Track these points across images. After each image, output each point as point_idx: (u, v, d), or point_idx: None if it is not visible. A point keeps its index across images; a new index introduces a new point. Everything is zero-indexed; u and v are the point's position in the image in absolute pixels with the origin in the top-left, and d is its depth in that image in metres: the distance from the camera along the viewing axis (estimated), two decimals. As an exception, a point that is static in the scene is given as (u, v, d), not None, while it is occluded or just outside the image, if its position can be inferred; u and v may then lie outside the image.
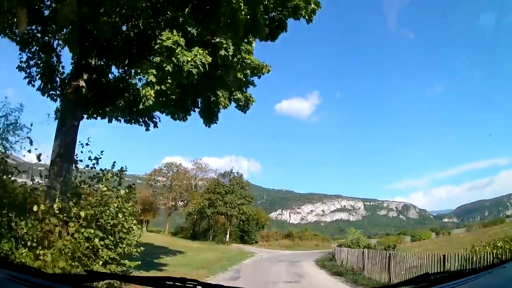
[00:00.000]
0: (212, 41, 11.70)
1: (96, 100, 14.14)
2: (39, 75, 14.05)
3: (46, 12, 12.89)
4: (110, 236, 10.14)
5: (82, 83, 12.92)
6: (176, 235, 76.00)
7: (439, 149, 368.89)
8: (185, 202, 78.90)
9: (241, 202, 63.39)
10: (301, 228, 75.25)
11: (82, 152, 11.60)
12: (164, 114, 15.31)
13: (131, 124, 15.96)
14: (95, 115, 14.82)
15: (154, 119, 16.04)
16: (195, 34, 11.31)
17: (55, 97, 14.50)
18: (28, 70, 13.95)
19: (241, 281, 17.26)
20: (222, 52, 11.46)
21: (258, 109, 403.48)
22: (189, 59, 10.63)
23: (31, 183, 10.46)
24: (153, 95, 10.62)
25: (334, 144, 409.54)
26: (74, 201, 9.98)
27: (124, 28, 13.61)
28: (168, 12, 12.23)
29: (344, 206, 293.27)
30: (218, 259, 29.17)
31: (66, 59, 15.24)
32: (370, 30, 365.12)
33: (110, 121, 15.45)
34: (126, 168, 12.24)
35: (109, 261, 9.92)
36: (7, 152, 10.75)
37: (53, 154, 12.07)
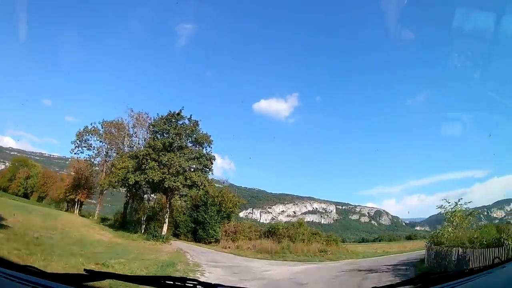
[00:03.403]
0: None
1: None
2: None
3: None
4: None
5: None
6: (104, 222, 53.31)
7: (414, 158, 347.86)
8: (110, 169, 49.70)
9: (191, 165, 31.88)
10: (291, 223, 42.88)
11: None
12: None
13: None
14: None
15: None
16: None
17: None
18: None
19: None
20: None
21: (236, 106, 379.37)
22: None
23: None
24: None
25: (309, 146, 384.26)
26: None
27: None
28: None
29: (316, 208, 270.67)
30: None
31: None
32: (356, 34, 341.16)
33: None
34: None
35: None
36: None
37: None
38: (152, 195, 43.60)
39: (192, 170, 32.62)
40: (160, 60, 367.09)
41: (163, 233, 33.86)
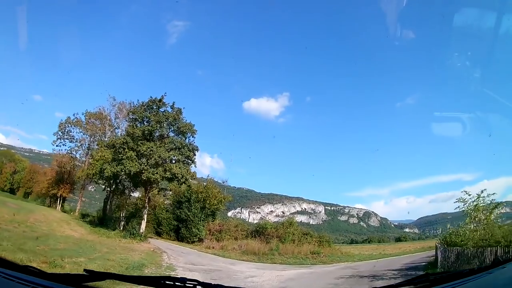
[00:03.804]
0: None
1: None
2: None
3: None
4: None
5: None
6: (84, 218, 48.35)
7: (404, 160, 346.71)
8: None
9: (171, 156, 28.96)
10: (281, 223, 39.83)
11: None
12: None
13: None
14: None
15: None
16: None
17: None
18: None
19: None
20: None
21: (226, 105, 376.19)
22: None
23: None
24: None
25: (298, 146, 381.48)
26: None
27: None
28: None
29: (305, 209, 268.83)
30: None
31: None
32: (348, 34, 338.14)
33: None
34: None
35: None
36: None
37: None
38: (135, 190, 40.76)
39: (174, 162, 29.62)
40: (151, 57, 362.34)
41: (141, 231, 31.02)
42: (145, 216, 32.26)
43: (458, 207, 18.69)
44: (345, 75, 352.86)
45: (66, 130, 52.44)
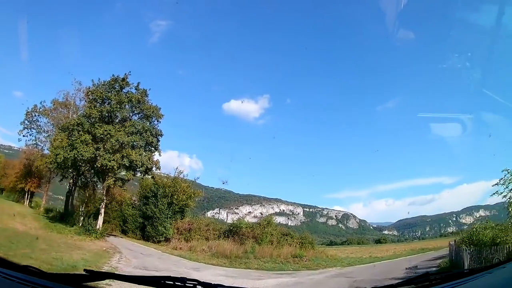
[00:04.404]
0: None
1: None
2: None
3: None
4: None
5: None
6: (48, 213, 44.72)
7: (383, 162, 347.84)
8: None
9: (131, 141, 25.05)
10: (257, 223, 36.23)
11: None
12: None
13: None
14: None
15: None
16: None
17: None
18: None
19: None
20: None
21: (205, 106, 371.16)
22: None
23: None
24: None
25: (277, 148, 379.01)
26: None
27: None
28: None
29: (283, 210, 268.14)
30: None
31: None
32: (345, 36, 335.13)
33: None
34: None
35: None
36: None
37: None
38: (100, 182, 36.66)
39: (135, 148, 25.80)
40: (132, 56, 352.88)
41: (98, 227, 27.46)
42: (102, 210, 28.65)
43: (497, 192, 14.77)
44: (327, 76, 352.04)
45: (33, 119, 47.36)
